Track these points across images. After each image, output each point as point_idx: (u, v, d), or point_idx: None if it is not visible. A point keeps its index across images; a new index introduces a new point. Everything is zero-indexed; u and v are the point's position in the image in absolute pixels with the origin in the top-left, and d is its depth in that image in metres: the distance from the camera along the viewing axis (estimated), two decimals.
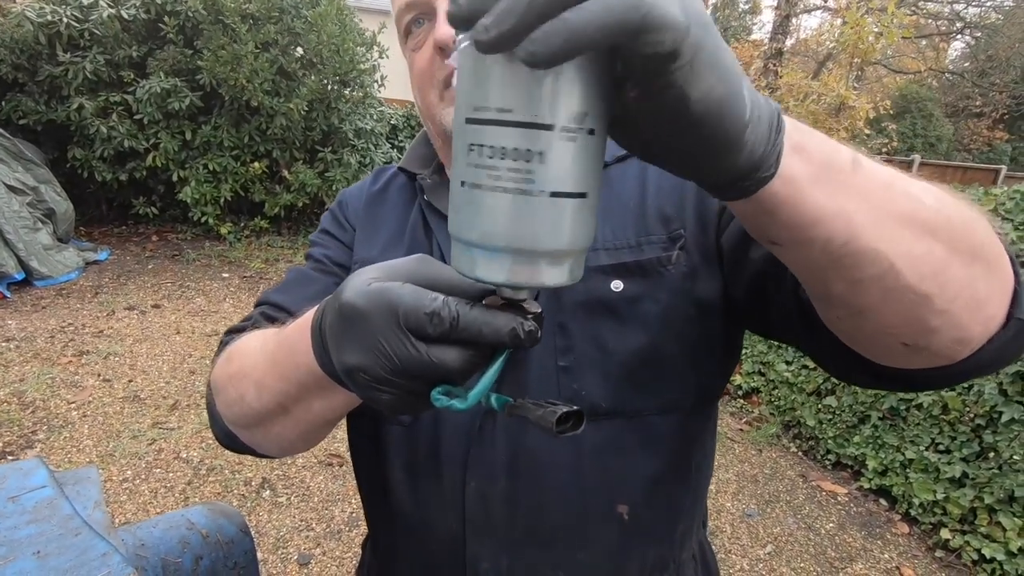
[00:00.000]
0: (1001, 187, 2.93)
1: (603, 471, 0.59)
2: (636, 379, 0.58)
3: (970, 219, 0.39)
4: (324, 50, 5.59)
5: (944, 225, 0.37)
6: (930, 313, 0.38)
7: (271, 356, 0.52)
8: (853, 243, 0.35)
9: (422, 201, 0.70)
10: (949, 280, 0.37)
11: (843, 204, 0.34)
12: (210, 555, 0.76)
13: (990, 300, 0.40)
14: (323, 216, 0.79)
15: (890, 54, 23.86)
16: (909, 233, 0.36)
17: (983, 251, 0.39)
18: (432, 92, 0.61)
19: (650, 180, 0.62)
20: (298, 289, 0.70)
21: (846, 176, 0.35)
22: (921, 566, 2.33)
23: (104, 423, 2.88)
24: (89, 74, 4.89)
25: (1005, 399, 2.33)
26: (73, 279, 4.69)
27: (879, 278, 0.36)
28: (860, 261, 0.35)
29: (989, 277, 0.40)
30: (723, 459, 3.02)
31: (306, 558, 2.15)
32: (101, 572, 0.55)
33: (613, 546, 0.61)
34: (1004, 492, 2.26)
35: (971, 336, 0.40)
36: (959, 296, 0.38)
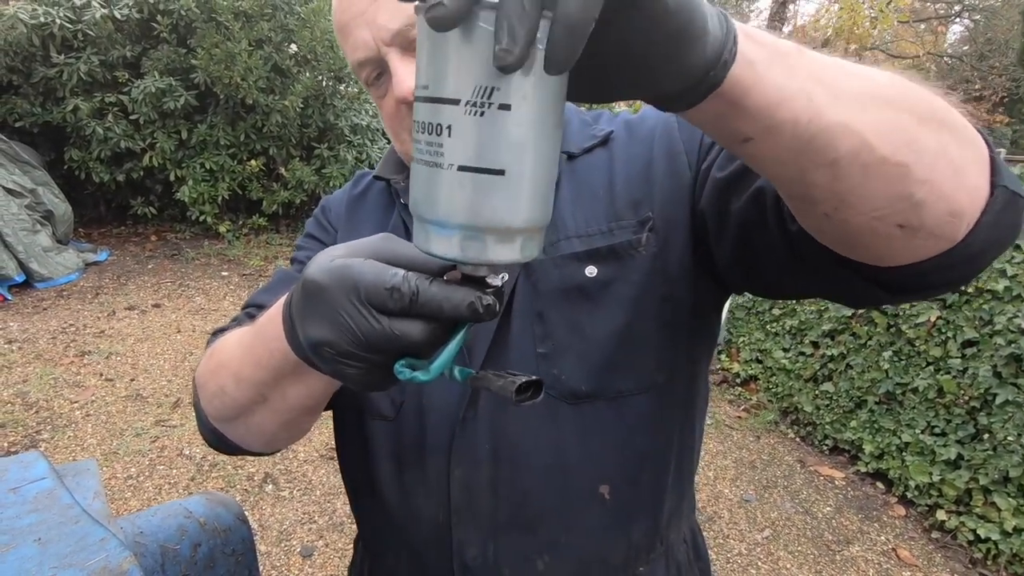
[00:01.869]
0: None
1: (584, 452, 0.60)
2: (614, 361, 0.59)
3: (925, 92, 0.40)
4: (318, 46, 5.58)
5: (901, 97, 0.38)
6: (913, 183, 0.37)
7: (247, 346, 0.53)
8: (818, 119, 0.35)
9: (400, 204, 0.71)
10: (922, 148, 0.37)
11: (801, 84, 0.35)
12: (208, 542, 0.78)
13: (967, 168, 0.40)
14: (308, 221, 0.81)
15: (888, 39, 23.72)
16: (871, 105, 0.37)
17: (948, 119, 0.39)
18: (404, 133, 0.63)
19: (617, 168, 0.64)
20: (282, 289, 0.72)
21: (796, 59, 0.36)
22: (917, 547, 2.35)
23: (107, 422, 2.91)
24: (83, 75, 4.90)
25: (999, 381, 2.35)
26: (73, 280, 4.72)
27: (854, 154, 0.36)
28: (831, 138, 0.36)
29: (961, 144, 0.40)
30: (721, 446, 3.05)
31: (309, 550, 2.18)
32: (99, 556, 0.57)
33: (597, 527, 0.62)
34: (999, 473, 2.28)
35: (961, 207, 0.40)
36: (936, 164, 0.38)
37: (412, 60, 0.57)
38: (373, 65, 0.60)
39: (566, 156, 0.66)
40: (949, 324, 2.59)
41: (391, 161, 0.76)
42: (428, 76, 0.30)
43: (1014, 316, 2.34)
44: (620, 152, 0.65)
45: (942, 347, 2.58)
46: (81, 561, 0.57)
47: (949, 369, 2.53)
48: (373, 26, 0.57)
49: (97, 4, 4.95)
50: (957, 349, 2.52)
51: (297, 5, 5.54)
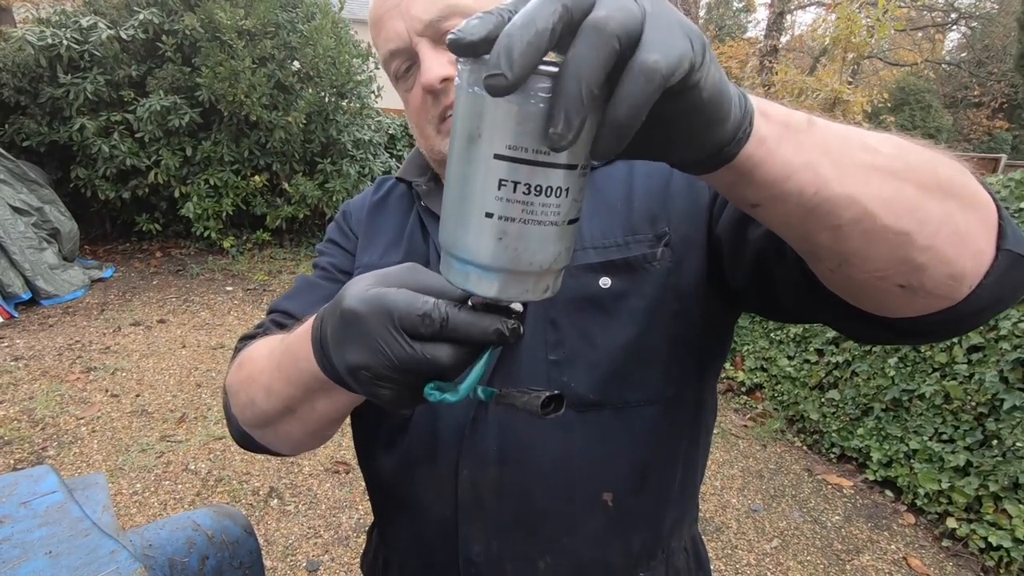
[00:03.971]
0: (997, 176, 2.94)
1: (589, 459, 0.61)
2: (623, 372, 0.60)
3: (932, 160, 0.41)
4: (320, 63, 5.65)
5: (905, 168, 0.39)
6: (914, 250, 0.39)
7: (277, 362, 0.55)
8: (824, 191, 0.37)
9: (419, 206, 0.74)
10: (926, 217, 0.39)
11: (808, 157, 0.37)
12: (216, 555, 0.78)
13: (973, 233, 0.41)
14: (328, 226, 0.83)
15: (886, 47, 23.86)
16: (875, 176, 0.38)
17: (953, 187, 0.41)
18: (429, 127, 0.65)
19: (636, 182, 0.65)
20: (306, 295, 0.74)
21: (805, 133, 0.38)
22: (928, 556, 2.33)
23: (113, 438, 2.91)
24: (90, 95, 4.96)
25: (1006, 387, 2.34)
26: (79, 297, 4.75)
27: (857, 221, 0.38)
28: (835, 208, 0.38)
29: (967, 211, 0.41)
30: (728, 455, 3.03)
31: (315, 565, 2.17)
32: (110, 568, 0.58)
33: (598, 532, 0.63)
34: (1008, 479, 2.26)
35: (963, 270, 0.41)
36: (940, 231, 0.39)
37: (442, 51, 0.60)
38: (404, 56, 0.62)
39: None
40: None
41: (414, 164, 0.78)
42: (525, 140, 0.31)
43: (1019, 321, 2.33)
44: (640, 165, 0.66)
45: (948, 353, 2.57)
46: (92, 574, 0.57)
47: (955, 375, 2.52)
48: (407, 16, 0.60)
49: (103, 25, 5.03)
50: (963, 355, 2.51)
51: (299, 23, 5.63)
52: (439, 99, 0.61)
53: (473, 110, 0.31)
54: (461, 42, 0.29)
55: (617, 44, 0.27)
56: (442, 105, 0.61)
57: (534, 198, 0.32)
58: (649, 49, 0.28)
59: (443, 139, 0.64)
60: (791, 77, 6.33)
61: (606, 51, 0.27)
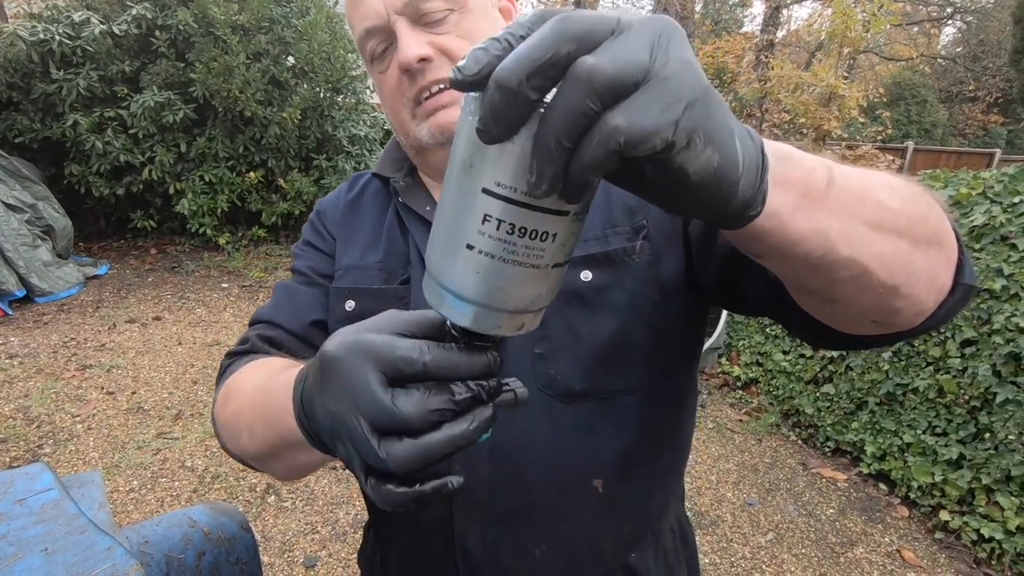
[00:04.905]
0: (991, 171, 2.96)
1: (578, 449, 0.62)
2: (607, 362, 0.61)
3: (925, 209, 0.43)
4: (315, 58, 5.62)
5: (907, 224, 0.41)
6: (898, 299, 0.42)
7: (261, 407, 0.55)
8: (830, 255, 0.38)
9: (397, 203, 0.73)
10: (913, 270, 0.42)
11: (820, 223, 0.37)
12: (212, 551, 0.79)
13: (942, 275, 0.45)
14: (304, 227, 0.81)
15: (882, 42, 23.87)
16: (879, 237, 0.39)
17: (938, 235, 0.43)
18: (404, 111, 0.64)
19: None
20: (287, 303, 0.74)
21: (822, 198, 0.37)
22: (921, 548, 2.35)
23: (109, 435, 2.91)
24: (83, 90, 4.93)
25: (999, 380, 2.36)
26: (74, 294, 4.73)
27: (855, 278, 0.40)
28: (837, 267, 0.39)
29: (940, 255, 0.44)
30: (723, 449, 3.05)
31: (312, 561, 2.17)
32: (106, 565, 0.58)
33: (590, 519, 0.64)
34: (1001, 472, 2.28)
35: (928, 308, 0.45)
36: (921, 279, 0.43)
37: (420, 31, 0.60)
38: (381, 36, 0.62)
39: None
40: (948, 324, 2.60)
41: (391, 158, 0.77)
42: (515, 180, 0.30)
43: (1012, 315, 2.35)
44: None
45: (941, 347, 2.59)
46: (88, 570, 0.57)
47: (949, 369, 2.53)
48: None
49: (96, 20, 4.99)
50: (956, 349, 2.53)
51: (294, 18, 5.60)
52: (415, 80, 0.61)
53: (471, 138, 0.30)
54: (457, 80, 0.28)
55: (597, 103, 0.26)
56: (418, 86, 0.61)
57: (517, 239, 0.31)
58: (621, 112, 0.26)
59: (418, 124, 0.63)
60: (787, 72, 6.34)
61: (582, 107, 0.26)
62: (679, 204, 0.32)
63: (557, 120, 0.26)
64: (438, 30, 0.61)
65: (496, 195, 0.30)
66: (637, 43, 0.27)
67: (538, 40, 0.26)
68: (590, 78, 0.25)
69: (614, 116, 0.26)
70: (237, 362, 0.71)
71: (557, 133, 0.26)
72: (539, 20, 0.28)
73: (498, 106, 0.26)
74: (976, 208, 2.68)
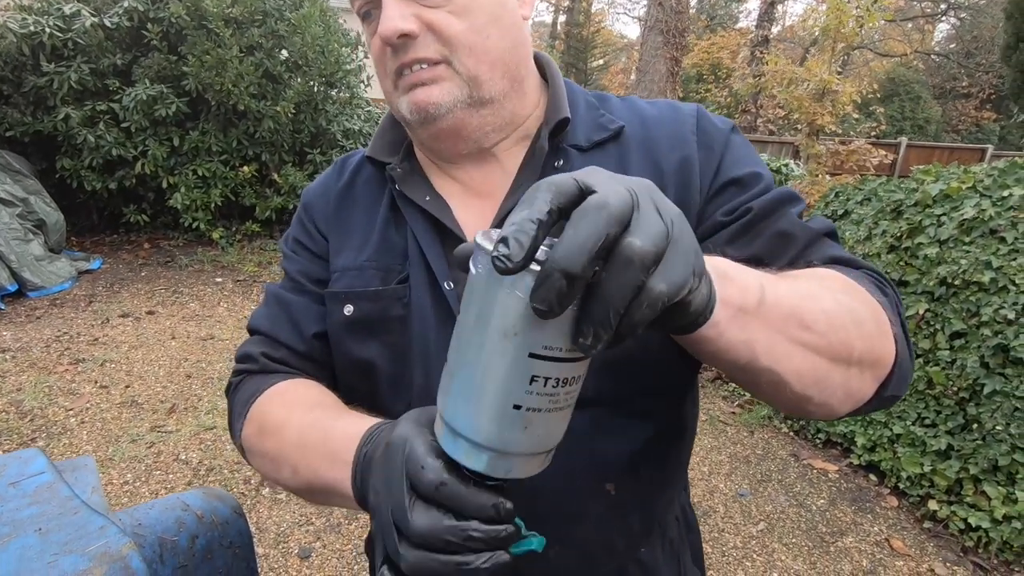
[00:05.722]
0: (982, 165, 2.98)
1: (589, 454, 0.62)
2: (618, 369, 0.61)
3: (855, 333, 0.48)
4: (309, 52, 5.60)
5: (827, 346, 0.46)
6: (810, 405, 0.49)
7: (312, 454, 0.57)
8: (753, 363, 0.44)
9: (393, 191, 0.68)
10: (827, 385, 0.48)
11: (748, 336, 0.43)
12: (206, 534, 0.79)
13: (862, 390, 0.51)
14: (293, 222, 0.77)
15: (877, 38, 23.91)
16: (798, 355, 0.45)
17: (863, 357, 0.49)
18: (387, 81, 0.63)
19: (631, 171, 0.63)
20: (283, 317, 0.71)
21: (752, 315, 0.43)
22: (910, 537, 2.38)
23: (103, 428, 2.91)
24: (74, 83, 4.89)
25: (987, 372, 2.38)
26: (66, 289, 4.71)
27: (772, 384, 0.47)
28: (758, 375, 0.46)
29: (863, 376, 0.50)
30: (716, 441, 3.07)
31: (307, 552, 2.19)
32: (99, 542, 0.59)
33: (602, 519, 0.64)
34: (988, 462, 2.31)
35: (841, 413, 0.52)
36: (835, 393, 0.49)
37: (405, 2, 0.58)
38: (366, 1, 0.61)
39: (576, 150, 0.65)
40: (938, 317, 2.63)
41: (385, 140, 0.72)
42: (560, 341, 0.33)
43: (1000, 307, 2.38)
44: (634, 153, 0.64)
45: (931, 339, 2.61)
46: (81, 548, 0.58)
47: (938, 361, 2.56)
48: None
49: (87, 13, 4.95)
50: (945, 341, 2.56)
51: (287, 11, 5.56)
52: (397, 54, 0.59)
53: (513, 309, 0.32)
54: (506, 268, 0.30)
55: (645, 276, 0.30)
56: (399, 61, 0.59)
57: (560, 389, 0.35)
58: (660, 277, 0.31)
59: (399, 96, 0.61)
60: (781, 67, 6.36)
61: (635, 282, 0.30)
62: (658, 325, 0.37)
63: (614, 296, 0.30)
64: (430, 2, 0.58)
65: (543, 357, 0.33)
66: (654, 214, 0.32)
67: (591, 227, 0.29)
68: (641, 258, 0.30)
69: (657, 282, 0.31)
70: (250, 381, 0.70)
71: (615, 306, 0.30)
72: (557, 196, 0.31)
73: (564, 290, 0.29)
74: (966, 202, 2.70)
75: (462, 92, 0.60)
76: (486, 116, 0.63)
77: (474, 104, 0.61)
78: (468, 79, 0.60)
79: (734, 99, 15.51)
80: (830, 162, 5.96)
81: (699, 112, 0.67)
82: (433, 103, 0.59)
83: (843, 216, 3.48)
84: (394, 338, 0.65)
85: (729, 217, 0.60)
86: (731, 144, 0.65)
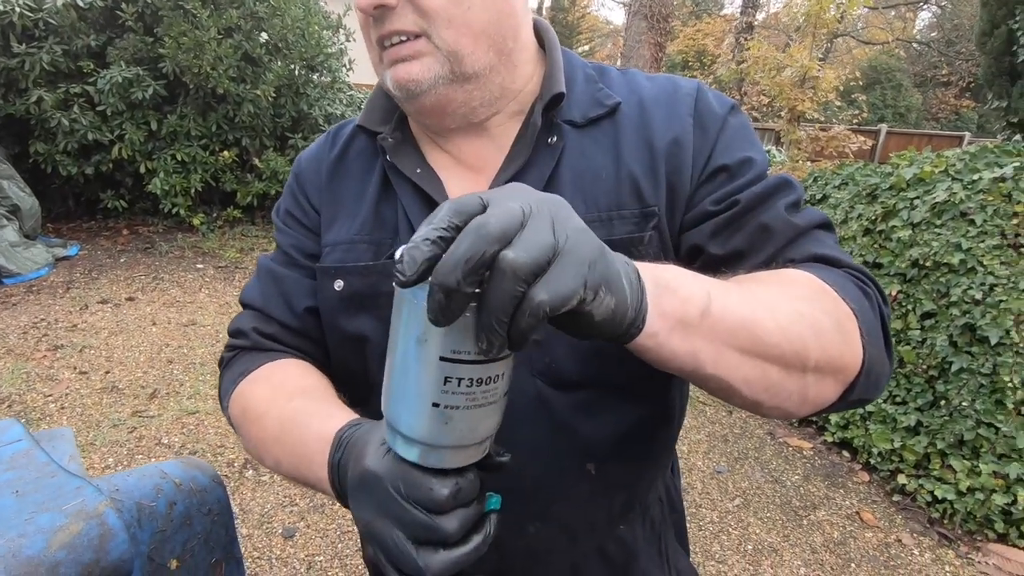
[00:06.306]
0: (956, 150, 3.05)
1: (572, 435, 0.62)
2: (603, 353, 0.60)
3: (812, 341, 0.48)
4: (289, 34, 5.51)
5: (779, 355, 0.47)
6: (763, 408, 0.50)
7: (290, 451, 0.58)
8: (700, 371, 0.46)
9: (385, 163, 0.67)
10: (780, 391, 0.48)
11: (692, 346, 0.44)
12: (184, 501, 0.81)
13: (821, 396, 0.51)
14: (286, 186, 0.75)
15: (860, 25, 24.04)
16: (747, 363, 0.46)
17: (820, 365, 0.49)
18: (373, 51, 0.61)
19: (625, 150, 0.62)
20: (275, 292, 0.71)
21: (696, 325, 0.44)
22: (879, 510, 2.46)
23: (83, 414, 2.88)
24: (46, 65, 4.77)
25: (955, 350, 2.46)
26: (43, 275, 4.63)
27: (721, 390, 0.48)
28: (706, 381, 0.47)
29: (822, 382, 0.50)
30: (695, 421, 3.14)
31: (290, 532, 2.21)
32: (76, 501, 0.60)
33: (583, 498, 0.65)
34: (954, 437, 2.39)
35: (800, 415, 0.53)
36: (789, 399, 0.49)
37: None
38: None
39: (570, 125, 0.63)
40: (909, 298, 2.70)
41: (377, 107, 0.70)
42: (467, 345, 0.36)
43: (969, 288, 2.45)
44: (630, 132, 0.63)
45: (903, 320, 2.69)
46: (58, 506, 0.59)
47: (909, 340, 2.63)
48: None
49: None
50: (916, 321, 2.63)
51: None
52: (376, 24, 0.58)
53: (420, 318, 0.35)
54: (400, 282, 0.33)
55: (522, 286, 0.32)
56: (379, 33, 0.58)
57: (476, 388, 0.37)
58: (542, 287, 0.32)
59: (383, 69, 0.60)
60: (763, 53, 6.39)
61: (512, 292, 0.32)
62: (582, 334, 0.39)
63: (494, 306, 0.32)
64: None
65: (453, 360, 0.36)
66: (542, 228, 0.33)
67: (467, 245, 0.32)
68: (514, 270, 0.32)
69: (538, 292, 0.32)
70: (241, 359, 0.70)
71: (496, 315, 0.32)
72: (455, 215, 0.34)
73: (444, 302, 0.32)
74: (939, 185, 2.77)
75: (443, 68, 0.58)
76: (471, 91, 0.60)
77: (457, 80, 0.59)
78: (448, 54, 0.57)
79: (718, 86, 15.55)
80: (810, 148, 6.03)
81: (699, 90, 0.65)
82: (413, 80, 0.58)
83: (821, 200, 3.54)
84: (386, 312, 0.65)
85: (717, 207, 0.59)
86: (727, 126, 0.63)
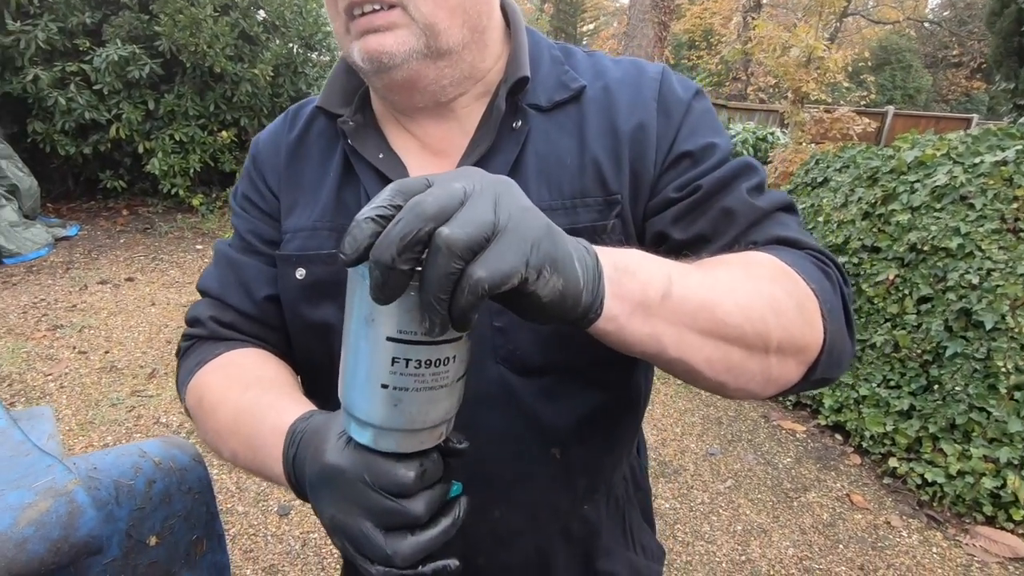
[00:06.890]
0: (958, 132, 3.01)
1: (536, 421, 0.62)
2: (566, 338, 0.60)
3: (773, 322, 0.48)
4: (287, 12, 5.44)
5: (740, 336, 0.47)
6: (727, 390, 0.50)
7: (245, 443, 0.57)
8: (663, 355, 0.46)
9: (345, 146, 0.65)
10: (743, 372, 0.49)
11: (652, 329, 0.44)
12: (163, 479, 0.81)
13: (784, 376, 0.51)
14: (243, 170, 0.73)
15: (871, 4, 23.56)
16: (709, 344, 0.46)
17: (782, 346, 0.49)
18: (338, 21, 0.58)
19: (589, 135, 0.61)
20: (233, 280, 0.69)
21: (656, 308, 0.44)
22: (870, 492, 2.48)
23: (82, 393, 2.92)
24: (42, 43, 4.73)
25: (950, 335, 2.46)
26: (43, 255, 4.64)
27: (685, 373, 0.48)
28: (669, 364, 0.47)
29: (785, 362, 0.50)
30: (689, 404, 3.15)
31: (286, 509, 2.24)
32: (46, 479, 0.61)
33: (547, 482, 0.65)
34: (946, 421, 2.40)
35: (764, 395, 0.53)
36: (753, 380, 0.50)
37: None
38: None
39: (535, 110, 0.62)
40: (906, 282, 2.68)
41: (337, 87, 0.68)
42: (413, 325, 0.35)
43: (966, 272, 2.44)
44: (594, 117, 0.62)
45: (899, 304, 2.68)
46: (27, 483, 0.60)
47: (905, 325, 2.63)
48: None
49: None
50: (913, 305, 2.62)
51: None
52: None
53: (366, 297, 0.34)
54: (342, 261, 0.33)
55: (459, 263, 0.31)
56: (348, 0, 0.55)
57: (425, 370, 0.36)
58: (480, 264, 0.32)
59: (351, 42, 0.57)
60: (769, 32, 6.27)
61: (448, 269, 0.31)
62: (535, 317, 0.39)
63: (431, 283, 0.32)
64: None
65: (400, 340, 0.35)
66: (482, 206, 0.33)
67: (403, 223, 0.32)
68: (449, 246, 0.31)
69: (476, 269, 0.32)
70: (198, 349, 0.69)
71: (434, 292, 0.32)
72: (397, 194, 0.34)
73: (381, 279, 0.32)
74: (939, 169, 2.74)
75: (418, 42, 0.56)
76: (443, 68, 0.59)
77: (431, 55, 0.57)
78: (425, 27, 0.55)
79: (725, 66, 15.31)
80: (814, 130, 5.95)
81: (663, 75, 0.64)
82: (387, 52, 0.55)
83: (822, 183, 3.51)
84: None
85: (679, 194, 0.59)
86: (691, 111, 0.62)
